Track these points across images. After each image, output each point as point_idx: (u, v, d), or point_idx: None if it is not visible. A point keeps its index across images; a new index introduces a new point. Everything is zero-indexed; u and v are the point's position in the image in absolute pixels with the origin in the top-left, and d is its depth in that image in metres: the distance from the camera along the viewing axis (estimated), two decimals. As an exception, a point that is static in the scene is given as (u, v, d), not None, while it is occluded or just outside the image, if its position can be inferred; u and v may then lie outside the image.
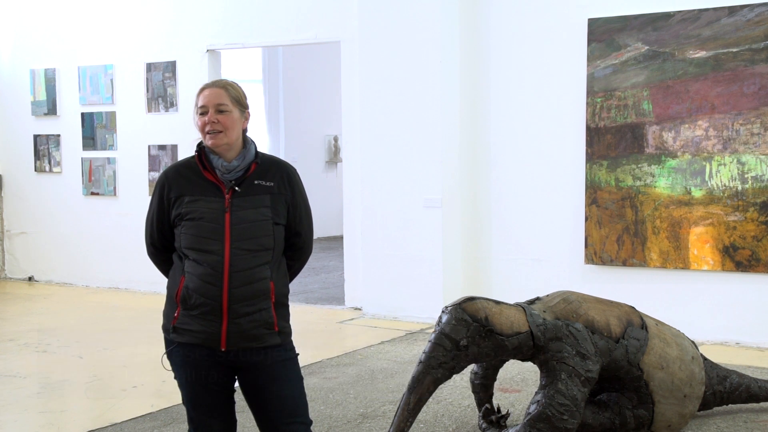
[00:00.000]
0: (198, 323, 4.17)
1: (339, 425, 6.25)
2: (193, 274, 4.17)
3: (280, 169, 4.38)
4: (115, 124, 12.41)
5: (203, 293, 4.13)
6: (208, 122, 4.20)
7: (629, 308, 5.84)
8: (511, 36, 9.82)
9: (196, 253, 4.17)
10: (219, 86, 4.29)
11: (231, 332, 4.15)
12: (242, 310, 4.15)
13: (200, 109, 4.24)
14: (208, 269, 4.13)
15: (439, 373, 5.16)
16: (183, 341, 4.22)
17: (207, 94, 4.25)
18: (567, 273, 9.53)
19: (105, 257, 12.69)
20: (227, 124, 4.21)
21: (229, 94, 4.26)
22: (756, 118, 8.55)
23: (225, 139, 4.21)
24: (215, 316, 4.14)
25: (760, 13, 8.49)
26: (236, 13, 11.49)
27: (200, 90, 4.31)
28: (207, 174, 4.25)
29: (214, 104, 4.21)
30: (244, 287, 4.15)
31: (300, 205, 4.40)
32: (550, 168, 9.67)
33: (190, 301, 4.17)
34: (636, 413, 5.70)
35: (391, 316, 10.14)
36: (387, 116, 10.03)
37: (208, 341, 4.17)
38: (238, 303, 4.14)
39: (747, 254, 8.63)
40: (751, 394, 6.32)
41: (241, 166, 4.26)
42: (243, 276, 4.15)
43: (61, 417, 6.68)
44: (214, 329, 4.15)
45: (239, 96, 4.31)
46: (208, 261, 4.14)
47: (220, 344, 4.16)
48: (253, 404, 4.36)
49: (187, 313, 4.19)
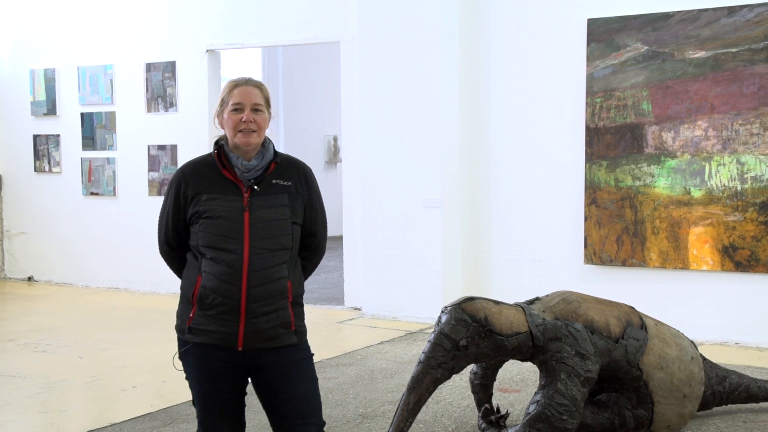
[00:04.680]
0: (215, 323, 4.14)
1: (338, 425, 6.25)
2: (211, 273, 4.14)
3: (298, 168, 4.37)
4: (114, 124, 12.43)
5: (221, 292, 4.11)
6: (245, 120, 4.17)
7: (629, 308, 5.83)
8: (510, 36, 9.83)
9: (214, 252, 4.14)
10: (254, 85, 4.26)
11: (248, 332, 4.12)
12: (260, 309, 4.13)
13: (234, 106, 4.20)
14: (226, 268, 4.11)
15: (438, 373, 5.14)
16: (199, 341, 4.19)
17: (243, 92, 4.21)
18: (566, 273, 9.55)
19: (104, 257, 12.71)
20: (261, 124, 4.21)
21: (263, 94, 4.26)
22: (755, 118, 8.56)
23: (257, 139, 4.21)
24: (233, 315, 4.12)
25: (760, 13, 8.50)
26: (236, 13, 11.51)
27: (232, 86, 4.25)
28: (226, 172, 4.22)
29: (251, 103, 4.19)
30: (263, 287, 4.13)
31: (316, 205, 4.40)
32: (549, 168, 9.68)
33: (207, 301, 4.14)
34: (635, 413, 5.69)
35: (391, 316, 10.15)
36: (386, 116, 10.04)
37: (225, 341, 4.15)
38: (256, 302, 4.12)
39: (746, 254, 8.64)
40: (750, 394, 6.32)
41: (261, 165, 4.23)
42: (261, 275, 4.13)
43: (61, 417, 6.68)
44: (231, 329, 4.13)
45: (268, 97, 4.31)
46: (227, 260, 4.11)
47: (237, 344, 4.14)
48: (266, 404, 4.34)
49: (203, 313, 4.16)
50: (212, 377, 4.23)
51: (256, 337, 4.14)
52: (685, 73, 8.83)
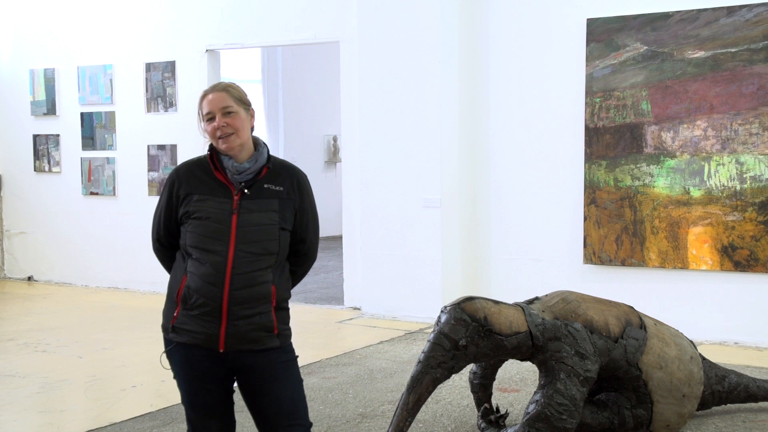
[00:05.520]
0: (197, 323, 4.15)
1: (338, 425, 6.27)
2: (195, 273, 4.16)
3: (291, 174, 4.37)
4: (114, 124, 12.44)
5: (204, 293, 4.12)
6: (218, 127, 4.19)
7: (628, 308, 5.84)
8: (509, 36, 9.84)
9: (199, 252, 4.16)
10: (220, 90, 4.27)
11: (229, 334, 4.13)
12: (241, 312, 4.13)
13: (207, 116, 4.23)
14: (210, 269, 4.12)
15: (438, 373, 5.15)
16: (182, 341, 4.20)
17: (210, 99, 4.23)
18: (566, 273, 9.56)
19: (104, 257, 12.73)
20: (237, 125, 4.21)
21: (231, 96, 4.25)
22: (754, 118, 8.57)
23: (237, 140, 4.21)
24: (214, 317, 4.12)
25: (759, 13, 8.52)
26: (235, 13, 11.53)
27: (202, 97, 4.29)
28: (218, 174, 4.25)
29: (219, 108, 4.20)
30: (245, 290, 4.13)
31: (307, 212, 4.39)
32: (548, 168, 9.70)
33: (190, 301, 4.16)
34: (635, 413, 5.70)
35: (390, 316, 10.16)
36: (386, 116, 10.05)
37: (207, 342, 4.15)
38: (237, 305, 4.12)
39: (745, 254, 8.65)
40: (749, 394, 6.33)
41: (253, 168, 4.25)
42: (244, 278, 4.13)
43: (61, 416, 6.70)
44: (212, 330, 4.13)
45: (241, 95, 4.30)
46: (211, 261, 4.13)
47: (218, 345, 4.14)
48: (251, 406, 4.34)
49: (186, 313, 4.18)
50: (197, 377, 4.25)
51: (237, 339, 4.16)
52: (684, 73, 8.84)
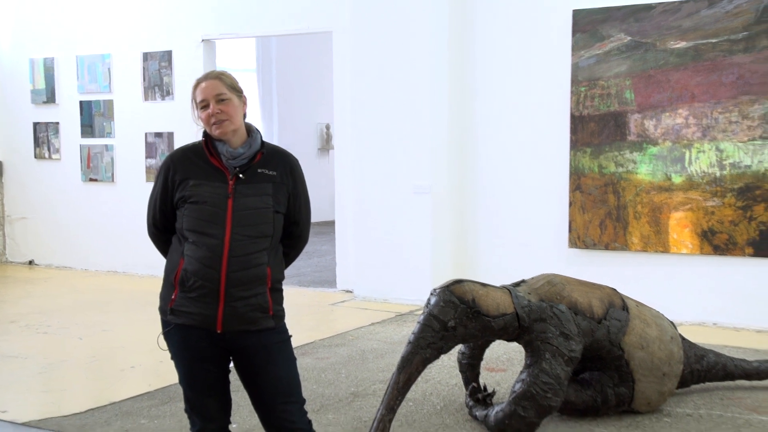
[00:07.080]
0: (195, 305, 4.19)
1: (331, 403, 6.32)
2: (192, 257, 4.18)
3: (284, 159, 4.43)
4: (112, 112, 12.49)
5: (202, 276, 4.15)
6: (212, 114, 4.25)
7: (611, 290, 5.92)
8: (498, 27, 9.90)
9: (196, 236, 4.19)
10: (213, 77, 4.34)
11: (227, 315, 4.16)
12: (238, 294, 4.17)
13: (201, 104, 4.28)
14: (207, 252, 4.15)
15: (427, 353, 5.20)
16: (180, 323, 4.24)
17: (204, 87, 4.28)
18: (551, 257, 9.60)
19: (103, 241, 12.78)
20: (230, 112, 4.27)
21: (224, 83, 4.31)
22: (734, 107, 8.66)
23: (231, 126, 4.28)
24: (212, 298, 4.16)
25: (739, 5, 8.61)
26: (230, 3, 11.56)
27: (195, 85, 4.36)
28: (213, 159, 4.28)
29: (213, 95, 4.24)
30: (242, 272, 4.16)
31: (300, 196, 4.44)
32: (535, 155, 9.76)
33: (188, 284, 4.20)
34: (617, 391, 5.80)
35: (381, 299, 10.22)
36: (377, 105, 10.09)
37: (205, 323, 4.19)
38: (235, 287, 4.15)
39: (724, 238, 8.77)
40: (727, 373, 6.41)
41: (247, 154, 4.30)
42: (241, 261, 4.16)
43: (62, 396, 6.73)
44: (210, 312, 4.17)
45: (233, 83, 4.37)
46: (208, 244, 4.15)
47: (216, 326, 4.17)
48: (248, 385, 4.38)
49: (184, 296, 4.21)
50: (195, 357, 4.29)
51: (235, 320, 4.19)
52: (666, 63, 8.93)
